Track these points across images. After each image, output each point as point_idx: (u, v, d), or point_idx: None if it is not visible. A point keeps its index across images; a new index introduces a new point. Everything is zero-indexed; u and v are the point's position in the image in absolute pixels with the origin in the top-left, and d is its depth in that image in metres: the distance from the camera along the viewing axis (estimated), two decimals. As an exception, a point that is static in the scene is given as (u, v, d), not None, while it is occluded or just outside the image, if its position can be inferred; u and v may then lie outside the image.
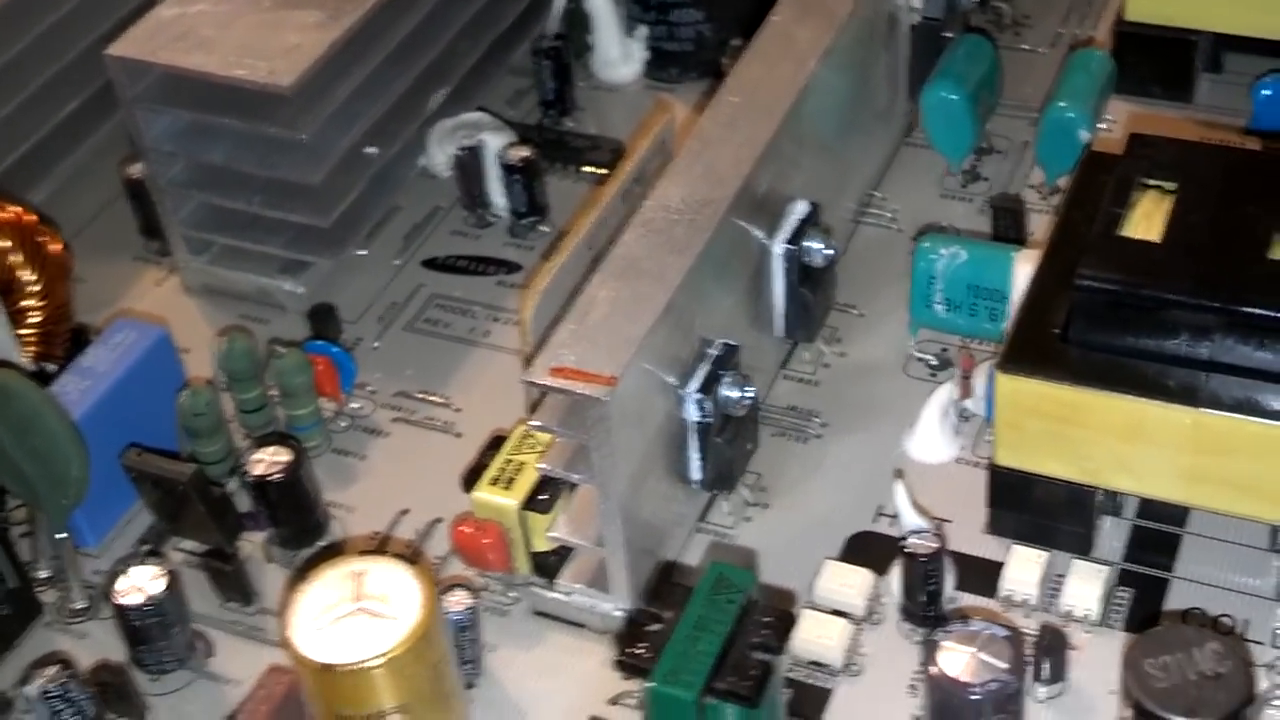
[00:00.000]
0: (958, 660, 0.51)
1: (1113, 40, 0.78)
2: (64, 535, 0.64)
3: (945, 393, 0.66)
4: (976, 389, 0.65)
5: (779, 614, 0.50)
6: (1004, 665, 0.51)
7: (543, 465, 0.59)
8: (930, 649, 0.52)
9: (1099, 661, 0.57)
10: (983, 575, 0.60)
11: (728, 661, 0.49)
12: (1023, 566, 0.59)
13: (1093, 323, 0.57)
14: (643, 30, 0.85)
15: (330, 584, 0.54)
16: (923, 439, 0.65)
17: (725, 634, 0.49)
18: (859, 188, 0.76)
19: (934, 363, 0.69)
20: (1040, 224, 0.73)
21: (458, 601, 0.59)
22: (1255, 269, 0.56)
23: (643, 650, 0.50)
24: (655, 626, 0.50)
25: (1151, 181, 0.60)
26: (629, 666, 0.50)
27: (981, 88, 0.75)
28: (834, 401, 0.68)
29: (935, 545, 0.58)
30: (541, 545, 0.61)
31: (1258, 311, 0.55)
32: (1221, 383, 0.55)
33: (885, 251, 0.74)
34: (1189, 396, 0.55)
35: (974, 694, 0.50)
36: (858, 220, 0.76)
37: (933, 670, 0.51)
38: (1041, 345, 0.58)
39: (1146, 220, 0.59)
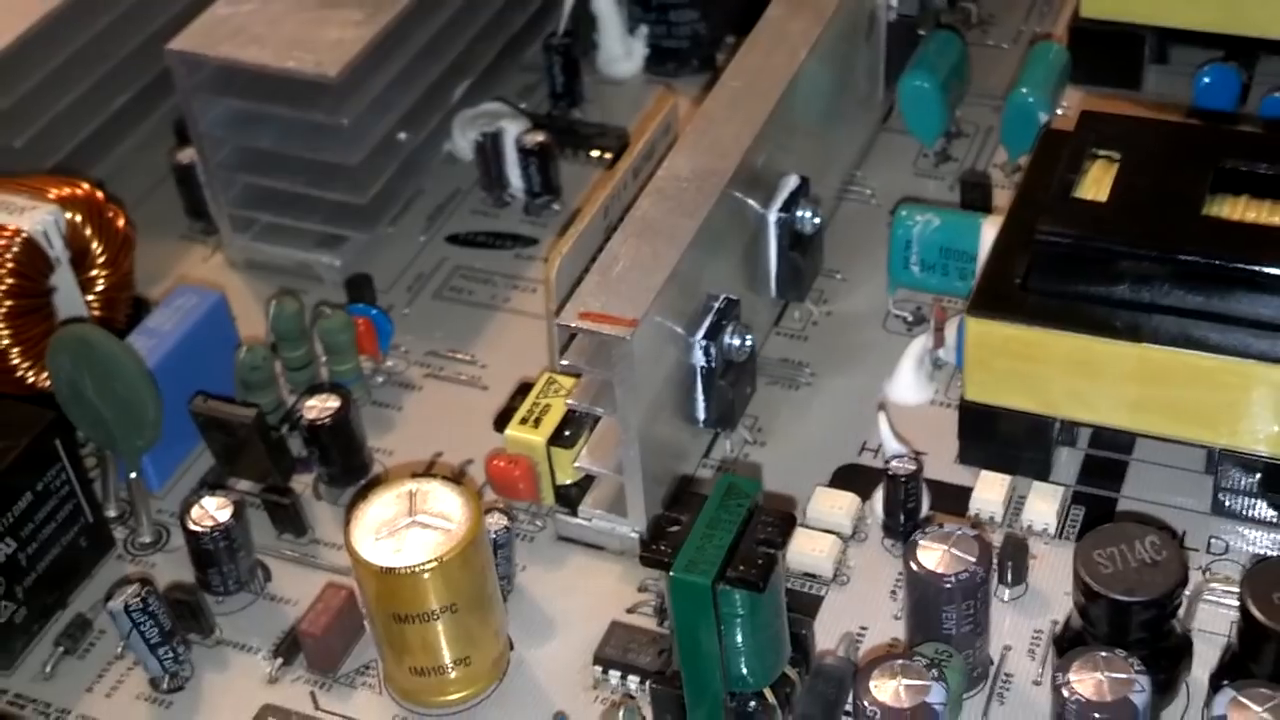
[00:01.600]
0: (933, 556, 0.59)
1: (1069, 35, 0.86)
2: (135, 475, 0.72)
3: (920, 343, 0.74)
4: (948, 339, 0.73)
5: (782, 515, 0.58)
6: (972, 559, 0.59)
7: (571, 401, 0.67)
8: (910, 548, 0.60)
9: (1055, 568, 0.65)
10: (954, 498, 0.68)
11: (737, 555, 0.57)
12: (989, 488, 0.67)
13: (1049, 272, 0.65)
14: (644, 29, 0.93)
15: (387, 501, 0.62)
16: (900, 384, 0.73)
17: (735, 532, 0.57)
18: (842, 167, 0.84)
19: (910, 319, 0.77)
20: (1004, 198, 0.81)
21: (495, 522, 0.66)
22: (1189, 223, 0.64)
23: (664, 547, 0.57)
24: (674, 528, 0.58)
25: (1100, 152, 0.68)
26: (652, 561, 0.57)
27: (952, 77, 0.84)
28: (821, 353, 0.76)
29: (914, 467, 0.66)
30: (565, 477, 0.69)
31: (1191, 259, 0.63)
32: (1162, 321, 0.63)
33: (865, 224, 0.82)
34: (1133, 334, 0.63)
35: (947, 583, 0.58)
36: (841, 197, 0.84)
37: (911, 565, 0.59)
38: (1005, 293, 0.66)
39: (1096, 185, 0.67)
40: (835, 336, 0.77)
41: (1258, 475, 0.64)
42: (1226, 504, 0.66)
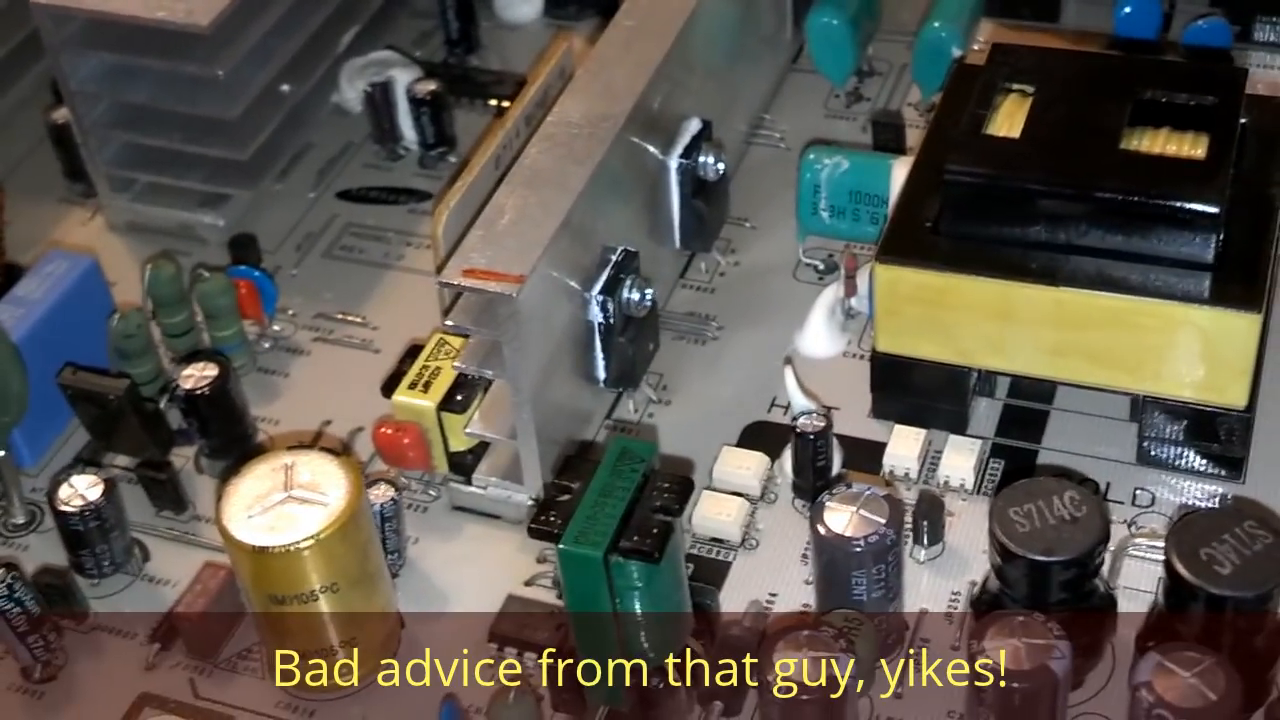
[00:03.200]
0: (841, 519, 0.56)
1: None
2: (3, 453, 0.67)
3: (831, 292, 0.70)
4: (861, 288, 0.69)
5: (678, 479, 0.54)
6: (882, 520, 0.55)
7: (459, 364, 0.63)
8: (817, 510, 0.56)
9: (973, 525, 0.62)
10: (868, 454, 0.65)
11: (631, 523, 0.53)
12: (903, 443, 0.64)
13: (960, 213, 0.61)
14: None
15: (262, 475, 0.58)
16: (811, 336, 0.70)
17: (628, 499, 0.53)
18: (749, 110, 0.80)
19: (821, 267, 0.73)
20: (918, 138, 0.77)
21: (381, 494, 0.63)
22: (1106, 158, 0.60)
23: (553, 517, 0.54)
24: (565, 497, 0.54)
25: (1014, 86, 0.64)
26: (541, 533, 0.54)
27: (862, 13, 0.80)
28: (729, 306, 0.73)
29: (822, 424, 0.62)
30: (458, 444, 0.65)
31: (1107, 195, 0.59)
32: (1078, 263, 0.60)
33: (775, 169, 0.78)
34: (1049, 276, 0.60)
35: (856, 547, 0.55)
36: (749, 141, 0.80)
37: (818, 529, 0.56)
38: (915, 237, 0.62)
39: (1008, 120, 0.63)
40: (744, 288, 0.74)
41: (1183, 422, 0.61)
42: (1152, 453, 0.63)
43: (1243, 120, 0.63)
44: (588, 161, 0.64)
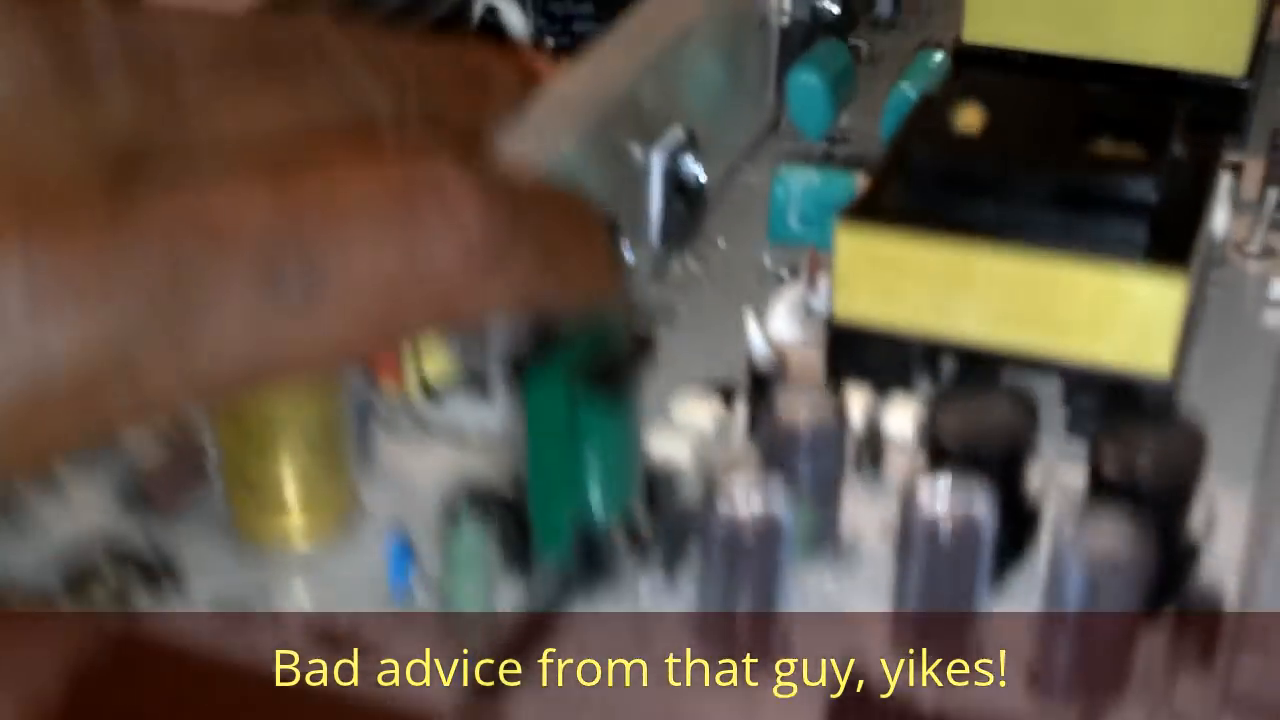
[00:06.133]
0: (791, 407, 0.60)
1: (953, 55, 0.89)
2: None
3: (797, 289, 0.75)
4: (821, 287, 0.74)
5: (638, 339, 0.60)
6: (828, 412, 0.60)
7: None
8: (769, 404, 0.60)
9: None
10: (817, 415, 0.69)
11: (595, 366, 0.58)
12: (851, 400, 0.68)
13: (920, 193, 0.68)
14: (550, 41, 0.96)
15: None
16: (774, 324, 0.74)
17: (593, 352, 0.58)
18: (728, 159, 0.86)
19: (786, 275, 0.78)
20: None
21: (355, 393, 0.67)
22: (1056, 149, 0.68)
23: (524, 360, 0.58)
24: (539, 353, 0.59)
25: (976, 101, 0.71)
26: (513, 372, 0.58)
27: (838, 81, 0.87)
28: (700, 305, 0.78)
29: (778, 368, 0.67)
30: (432, 366, 0.69)
31: (1056, 180, 0.66)
32: (1028, 238, 0.66)
33: (747, 202, 0.84)
34: (1000, 249, 0.66)
35: (803, 432, 0.59)
36: (725, 185, 0.86)
37: (771, 419, 0.60)
38: (876, 211, 0.68)
39: (971, 121, 0.70)
40: (714, 291, 0.79)
41: (1110, 391, 0.66)
42: (1081, 424, 0.67)
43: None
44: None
